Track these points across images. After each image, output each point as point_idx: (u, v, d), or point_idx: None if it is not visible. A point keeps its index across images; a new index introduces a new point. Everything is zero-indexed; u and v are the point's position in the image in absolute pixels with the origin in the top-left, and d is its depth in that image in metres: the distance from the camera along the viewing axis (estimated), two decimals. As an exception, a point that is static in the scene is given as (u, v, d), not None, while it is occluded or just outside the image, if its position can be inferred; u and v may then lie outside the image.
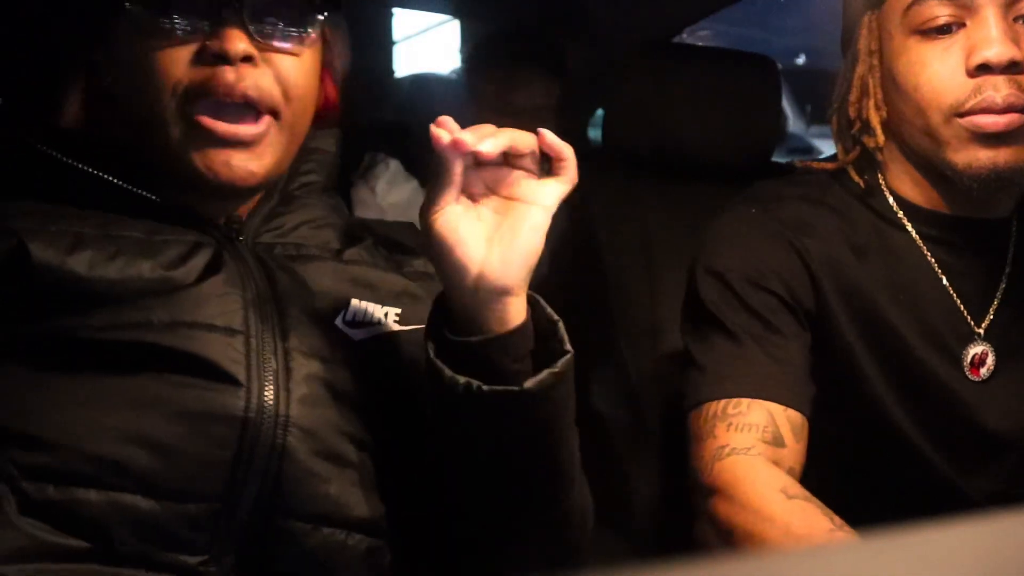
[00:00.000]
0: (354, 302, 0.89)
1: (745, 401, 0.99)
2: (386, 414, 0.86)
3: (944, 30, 1.00)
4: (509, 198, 0.79)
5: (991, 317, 1.09)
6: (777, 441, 0.97)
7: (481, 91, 1.94)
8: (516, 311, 0.79)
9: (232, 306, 0.82)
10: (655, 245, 1.49)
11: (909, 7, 1.02)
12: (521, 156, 0.78)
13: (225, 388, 0.78)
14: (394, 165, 1.92)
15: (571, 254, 1.66)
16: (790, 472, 0.97)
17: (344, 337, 0.87)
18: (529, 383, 0.77)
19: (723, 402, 0.99)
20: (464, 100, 1.99)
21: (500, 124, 0.79)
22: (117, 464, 0.74)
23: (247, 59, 0.82)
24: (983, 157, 0.99)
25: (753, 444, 0.96)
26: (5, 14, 1.20)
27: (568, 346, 0.81)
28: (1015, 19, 0.99)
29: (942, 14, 1.00)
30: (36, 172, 0.88)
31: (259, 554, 0.78)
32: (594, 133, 2.27)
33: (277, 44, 0.85)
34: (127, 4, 0.84)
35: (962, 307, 1.09)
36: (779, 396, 0.99)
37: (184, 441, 0.76)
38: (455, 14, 2.63)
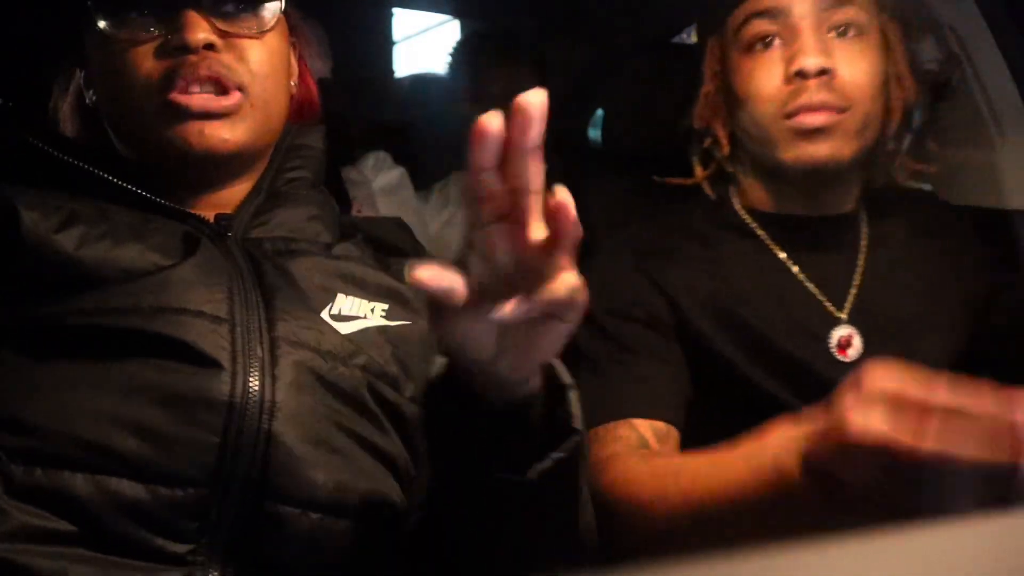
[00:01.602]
0: (341, 296, 0.90)
1: (612, 424, 1.09)
2: (373, 405, 0.87)
3: (768, 44, 1.16)
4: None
5: (851, 302, 1.18)
6: (644, 445, 1.07)
7: (462, 90, 1.95)
8: (524, 389, 0.72)
9: (218, 295, 0.82)
10: (655, 245, 1.48)
11: (739, 28, 1.18)
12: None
13: (210, 373, 0.78)
14: (382, 153, 1.95)
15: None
16: None
17: (331, 329, 0.87)
18: (532, 473, 0.71)
19: (595, 430, 1.09)
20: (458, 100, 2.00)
21: None
22: (105, 448, 0.74)
23: (209, 46, 0.88)
24: (808, 151, 1.13)
25: (623, 450, 1.06)
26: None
27: (577, 423, 0.74)
28: (829, 30, 1.14)
29: (765, 31, 1.15)
30: (37, 166, 0.90)
31: (248, 540, 0.78)
32: (594, 133, 2.27)
33: (237, 29, 0.90)
34: (97, 19, 0.90)
35: (821, 297, 1.19)
36: (640, 412, 1.10)
37: (171, 426, 0.76)
38: (455, 14, 2.63)
